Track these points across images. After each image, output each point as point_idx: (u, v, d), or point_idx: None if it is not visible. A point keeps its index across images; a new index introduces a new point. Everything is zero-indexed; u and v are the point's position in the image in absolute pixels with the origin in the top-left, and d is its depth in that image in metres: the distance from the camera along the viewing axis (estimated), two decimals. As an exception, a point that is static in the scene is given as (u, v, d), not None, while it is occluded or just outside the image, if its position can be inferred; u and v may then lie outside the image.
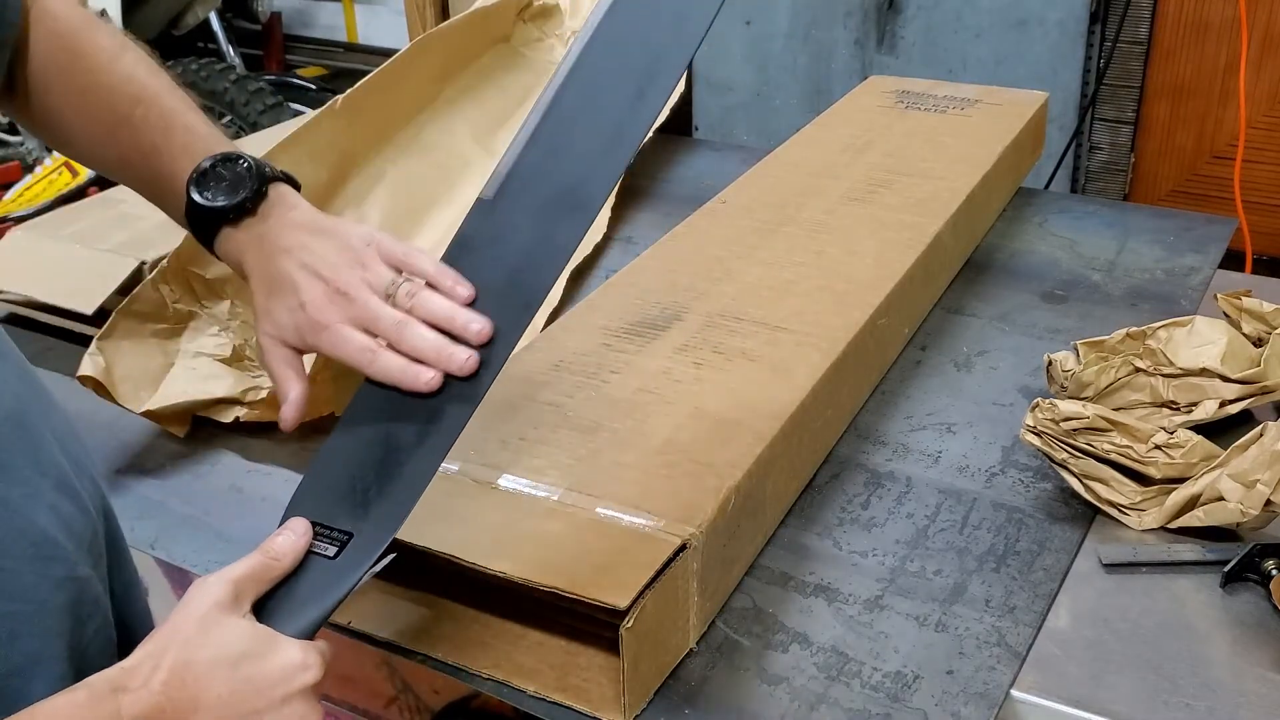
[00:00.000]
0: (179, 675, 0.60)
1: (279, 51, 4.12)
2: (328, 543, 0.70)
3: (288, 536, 0.69)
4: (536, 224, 0.76)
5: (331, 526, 0.71)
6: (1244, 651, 0.84)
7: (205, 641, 0.62)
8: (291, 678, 0.64)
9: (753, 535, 0.93)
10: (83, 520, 0.68)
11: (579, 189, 0.76)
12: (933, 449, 1.07)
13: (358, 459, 0.73)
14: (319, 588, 0.68)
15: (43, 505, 0.65)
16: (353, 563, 0.69)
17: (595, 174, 0.76)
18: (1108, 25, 2.51)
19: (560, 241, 0.75)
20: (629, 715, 0.79)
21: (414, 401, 0.74)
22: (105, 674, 0.60)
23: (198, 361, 1.15)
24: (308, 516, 0.71)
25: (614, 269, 1.31)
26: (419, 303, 0.75)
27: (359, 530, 0.70)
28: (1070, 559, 0.93)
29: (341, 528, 0.70)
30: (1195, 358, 1.04)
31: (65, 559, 0.66)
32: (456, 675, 0.83)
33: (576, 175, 0.76)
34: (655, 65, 0.77)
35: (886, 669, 0.83)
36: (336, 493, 0.72)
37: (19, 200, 3.24)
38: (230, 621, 0.64)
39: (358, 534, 0.70)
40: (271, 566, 0.68)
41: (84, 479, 0.70)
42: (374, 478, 0.72)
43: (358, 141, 1.39)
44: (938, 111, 1.55)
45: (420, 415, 0.73)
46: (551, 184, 0.76)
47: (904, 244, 1.20)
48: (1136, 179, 2.71)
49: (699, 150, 1.81)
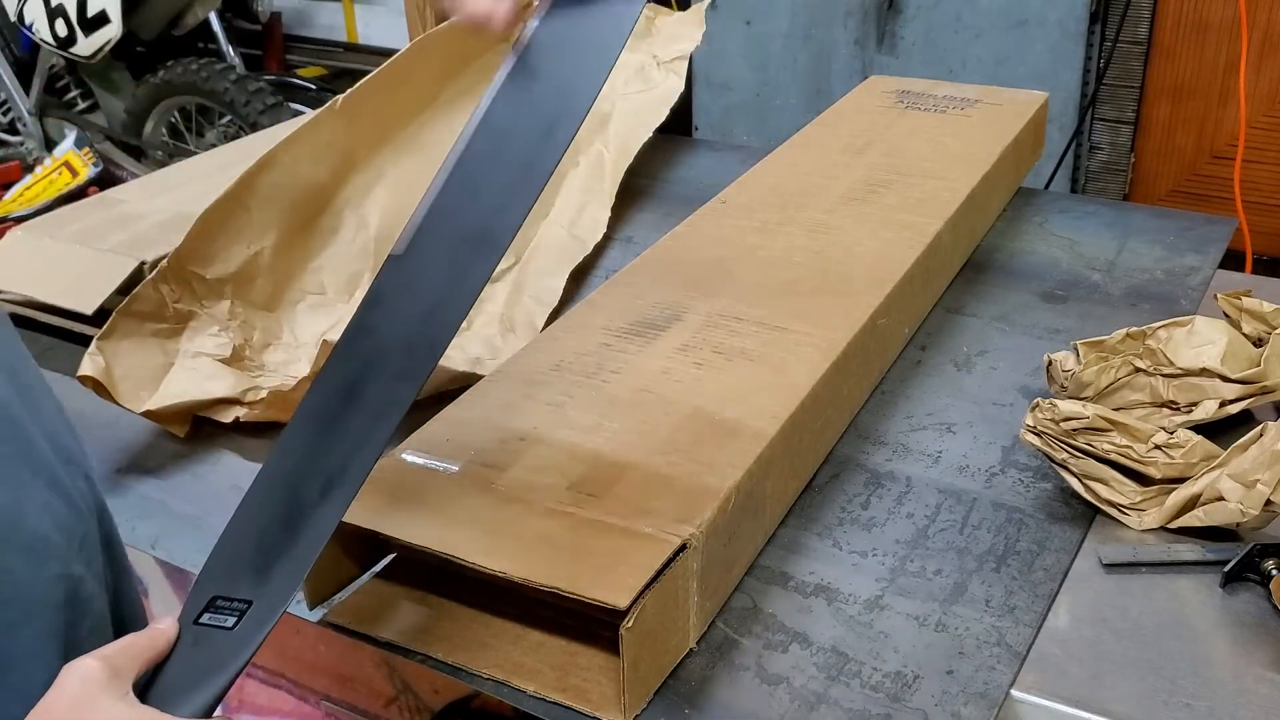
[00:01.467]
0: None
1: (279, 52, 4.11)
2: (227, 614, 0.68)
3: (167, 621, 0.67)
4: (448, 268, 0.78)
5: (232, 598, 0.69)
6: (1244, 651, 0.84)
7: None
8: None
9: (753, 535, 0.93)
10: (75, 518, 0.68)
11: (490, 227, 0.78)
12: (933, 449, 1.07)
13: (263, 520, 0.72)
14: (216, 661, 0.65)
15: (34, 504, 0.65)
16: (250, 632, 0.67)
17: (506, 210, 0.78)
18: (1108, 25, 2.51)
19: (471, 280, 0.77)
20: (629, 715, 0.79)
21: (320, 453, 0.73)
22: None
23: (198, 361, 1.15)
24: (213, 588, 0.69)
25: (614, 269, 1.31)
26: None
27: (259, 596, 0.68)
28: (1070, 559, 0.93)
29: (242, 597, 0.68)
30: (1195, 358, 1.04)
31: (58, 557, 0.65)
32: (456, 675, 0.83)
33: (487, 214, 0.79)
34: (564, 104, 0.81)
35: (886, 669, 0.83)
36: (242, 559, 0.71)
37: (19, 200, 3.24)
38: (105, 703, 0.58)
39: (257, 600, 0.68)
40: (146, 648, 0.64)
41: (76, 478, 0.70)
42: (277, 538, 0.71)
43: (358, 141, 1.39)
44: (938, 111, 1.55)
45: (323, 471, 0.72)
46: (462, 227, 0.79)
47: (904, 244, 1.20)
48: (1136, 179, 2.71)
49: (699, 150, 1.81)
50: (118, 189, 1.56)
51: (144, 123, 3.35)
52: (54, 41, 3.32)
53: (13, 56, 3.62)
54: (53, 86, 3.67)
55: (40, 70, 3.58)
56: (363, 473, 0.71)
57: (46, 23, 3.30)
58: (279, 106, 3.10)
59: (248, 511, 0.73)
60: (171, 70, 3.22)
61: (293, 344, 1.24)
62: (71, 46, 3.30)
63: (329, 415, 0.75)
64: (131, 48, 3.48)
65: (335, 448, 0.73)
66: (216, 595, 0.69)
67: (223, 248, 1.22)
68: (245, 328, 1.21)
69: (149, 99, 3.30)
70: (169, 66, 3.24)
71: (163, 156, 3.34)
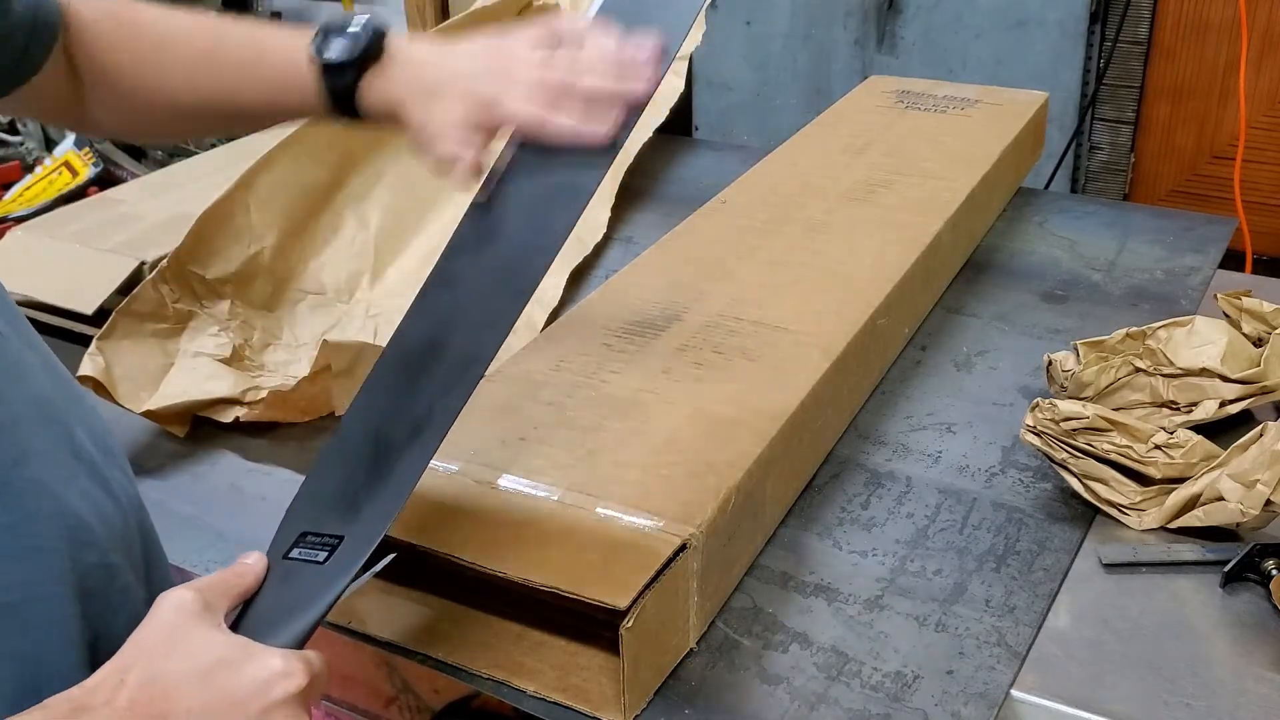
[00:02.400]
0: (146, 691, 0.57)
1: (279, 51, 4.11)
2: (318, 549, 0.69)
3: (255, 556, 0.68)
4: (532, 217, 0.77)
5: (323, 533, 0.70)
6: (1244, 651, 0.84)
7: (174, 653, 0.58)
8: (270, 688, 0.59)
9: (753, 535, 0.93)
10: (114, 508, 0.68)
11: (574, 178, 0.77)
12: (933, 449, 1.07)
13: (351, 462, 0.73)
14: (308, 595, 0.66)
15: (75, 490, 0.64)
16: (342, 566, 0.68)
17: (590, 163, 0.77)
18: (1108, 25, 2.51)
19: (555, 228, 0.76)
20: (629, 715, 0.79)
21: (405, 400, 0.74)
22: (65, 694, 0.57)
23: (198, 361, 1.15)
24: (302, 524, 0.71)
25: (614, 269, 1.31)
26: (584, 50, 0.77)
27: (350, 533, 0.70)
28: (1070, 559, 0.93)
29: (332, 532, 0.70)
30: (1195, 358, 1.04)
31: (98, 545, 0.65)
32: (456, 675, 0.83)
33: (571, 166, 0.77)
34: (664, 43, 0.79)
35: (886, 669, 0.83)
36: (330, 498, 0.72)
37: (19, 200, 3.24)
38: (201, 631, 0.60)
39: (348, 536, 0.69)
40: (236, 583, 0.65)
41: (114, 470, 0.70)
42: (365, 479, 0.72)
43: (357, 141, 1.39)
44: (938, 111, 1.55)
45: (409, 416, 0.73)
46: (546, 177, 0.78)
47: (904, 244, 1.20)
48: (1136, 179, 2.71)
49: (699, 150, 1.81)
50: (118, 189, 1.56)
51: (144, 123, 3.35)
52: (54, 41, 3.32)
53: (13, 56, 3.62)
54: (53, 86, 3.66)
55: (40, 70, 3.58)
56: (450, 417, 0.72)
57: (47, 23, 3.30)
58: (279, 106, 3.10)
59: (333, 456, 0.75)
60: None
61: (293, 344, 1.24)
62: (71, 46, 3.30)
63: (413, 364, 0.76)
64: (132, 48, 3.48)
65: (421, 394, 0.74)
66: (307, 531, 0.70)
67: (223, 248, 1.22)
68: (245, 328, 1.21)
69: (149, 99, 3.30)
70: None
71: (163, 156, 3.33)
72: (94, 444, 0.68)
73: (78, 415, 0.68)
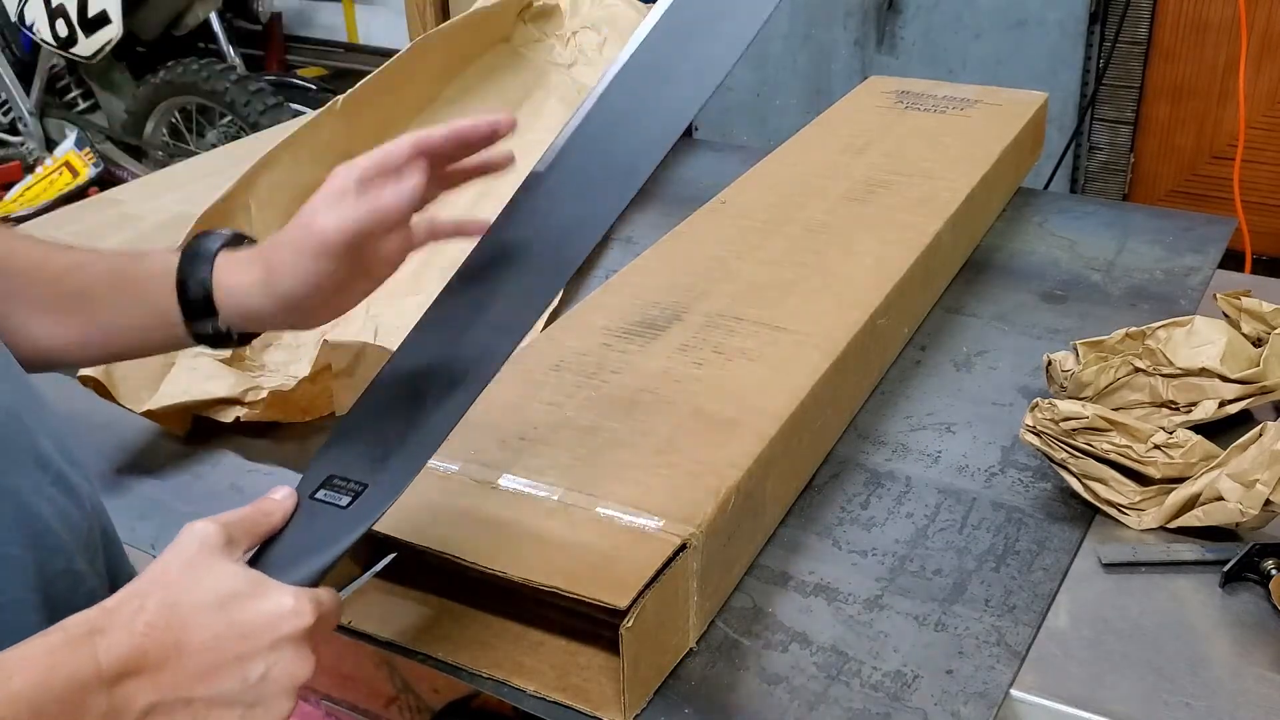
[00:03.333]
0: (163, 617, 0.58)
1: (279, 52, 4.12)
2: (342, 493, 0.70)
3: (284, 492, 0.69)
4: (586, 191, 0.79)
5: (348, 478, 0.71)
6: (1244, 651, 0.84)
7: (192, 583, 0.60)
8: (280, 623, 0.61)
9: (753, 535, 0.93)
10: (78, 515, 0.68)
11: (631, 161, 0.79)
12: (932, 449, 1.07)
13: (383, 416, 0.74)
14: (326, 537, 0.68)
15: (42, 497, 0.65)
16: (363, 512, 0.69)
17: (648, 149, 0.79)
18: (1107, 25, 2.51)
19: (606, 207, 0.78)
20: (629, 715, 0.79)
21: (440, 363, 0.75)
22: (84, 615, 0.58)
23: (198, 361, 1.15)
24: (332, 466, 0.71)
25: (614, 269, 1.31)
26: None
27: (375, 481, 0.71)
28: (1070, 559, 0.93)
29: (359, 479, 0.71)
30: (1195, 358, 1.04)
31: (64, 551, 0.66)
32: (456, 675, 0.83)
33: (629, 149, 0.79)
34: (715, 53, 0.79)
35: (886, 668, 0.83)
36: (360, 445, 0.73)
37: (19, 200, 3.25)
38: (220, 564, 0.61)
39: (373, 485, 0.70)
40: (263, 520, 0.67)
41: (78, 476, 0.70)
42: (396, 430, 0.73)
43: (357, 141, 1.39)
44: (937, 112, 1.55)
45: (445, 373, 0.74)
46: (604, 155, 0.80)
47: (904, 244, 1.20)
48: (1136, 179, 2.71)
49: (699, 150, 1.81)
50: (118, 189, 1.56)
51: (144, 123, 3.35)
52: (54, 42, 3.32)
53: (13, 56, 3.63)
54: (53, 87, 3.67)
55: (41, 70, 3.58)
56: (484, 380, 0.73)
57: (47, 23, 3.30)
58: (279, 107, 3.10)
59: (367, 405, 0.75)
60: (172, 70, 3.22)
61: (293, 344, 1.24)
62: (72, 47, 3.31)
63: (455, 322, 0.77)
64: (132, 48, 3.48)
65: (459, 354, 0.74)
66: (333, 474, 0.71)
67: (223, 248, 1.22)
68: (245, 328, 1.21)
69: (149, 99, 3.30)
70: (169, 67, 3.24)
71: (163, 156, 3.34)
72: (58, 450, 0.69)
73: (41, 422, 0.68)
